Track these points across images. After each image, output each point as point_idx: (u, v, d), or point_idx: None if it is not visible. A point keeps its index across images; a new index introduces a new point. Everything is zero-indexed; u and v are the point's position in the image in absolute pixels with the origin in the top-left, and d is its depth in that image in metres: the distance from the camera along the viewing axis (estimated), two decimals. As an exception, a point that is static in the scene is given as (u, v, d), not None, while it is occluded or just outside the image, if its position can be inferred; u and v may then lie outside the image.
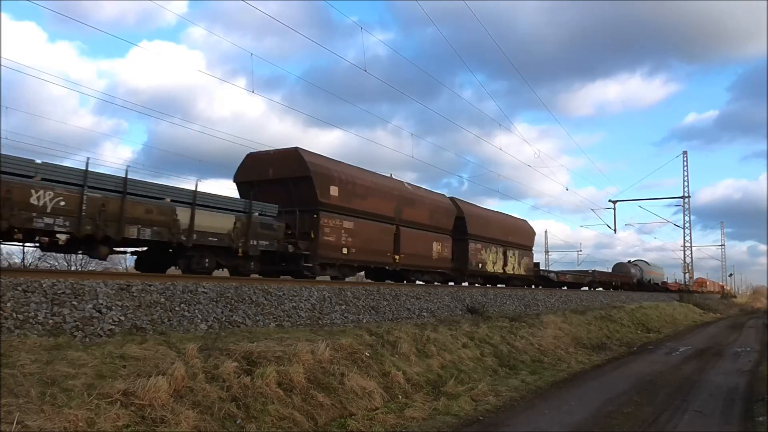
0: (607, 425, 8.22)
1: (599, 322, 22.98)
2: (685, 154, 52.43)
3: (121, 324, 8.17)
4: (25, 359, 5.96)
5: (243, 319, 10.18)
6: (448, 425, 7.91)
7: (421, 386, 9.96)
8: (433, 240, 21.82)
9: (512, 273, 29.02)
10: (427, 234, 21.47)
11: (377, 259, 18.84)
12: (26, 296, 7.56)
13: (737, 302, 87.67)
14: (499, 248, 27.66)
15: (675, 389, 11.31)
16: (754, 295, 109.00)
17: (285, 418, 7.11)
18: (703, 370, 14.32)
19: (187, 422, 6.07)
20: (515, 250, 29.57)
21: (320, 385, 8.16)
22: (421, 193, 22.04)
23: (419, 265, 21.01)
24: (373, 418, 7.86)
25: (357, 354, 9.53)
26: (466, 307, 17.76)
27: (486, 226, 26.47)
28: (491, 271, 26.84)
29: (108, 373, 6.24)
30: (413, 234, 20.49)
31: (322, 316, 11.99)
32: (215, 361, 7.40)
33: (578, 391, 10.82)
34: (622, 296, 37.57)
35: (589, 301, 30.28)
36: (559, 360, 14.85)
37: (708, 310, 48.89)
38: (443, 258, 22.45)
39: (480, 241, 25.66)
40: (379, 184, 19.27)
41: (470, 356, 12.40)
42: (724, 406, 9.86)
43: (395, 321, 13.48)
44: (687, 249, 53.26)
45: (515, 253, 29.54)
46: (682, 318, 36.40)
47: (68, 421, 5.21)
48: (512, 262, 29.11)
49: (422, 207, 21.41)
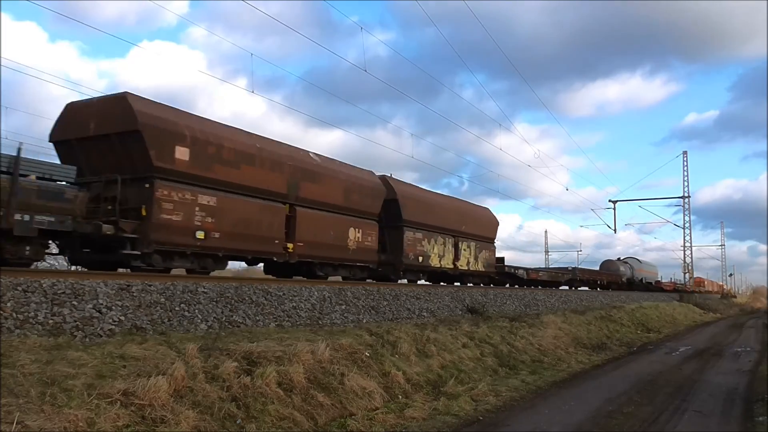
0: (607, 425, 8.23)
1: (599, 322, 22.99)
2: (685, 154, 52.54)
3: (121, 324, 8.17)
4: (25, 359, 5.96)
5: (243, 319, 10.18)
6: (448, 425, 7.91)
7: (421, 386, 9.97)
8: (350, 226, 17.64)
9: (466, 269, 24.67)
10: (339, 218, 17.28)
11: (259, 248, 14.53)
12: (26, 296, 7.56)
13: (737, 302, 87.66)
14: (449, 239, 23.27)
15: (675, 389, 11.31)
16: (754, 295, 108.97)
17: (285, 418, 7.12)
18: (703, 370, 14.33)
19: (187, 422, 6.07)
20: (471, 242, 25.19)
21: (320, 385, 8.16)
22: (333, 167, 17.59)
23: (327, 257, 16.90)
24: (373, 418, 7.86)
25: (357, 354, 9.54)
26: (466, 307, 17.76)
27: (429, 212, 22.16)
28: (437, 266, 22.41)
29: (108, 373, 6.25)
30: (317, 217, 16.35)
31: (322, 316, 11.99)
32: (215, 361, 7.41)
33: (578, 391, 10.83)
34: (621, 296, 37.56)
35: (589, 301, 30.26)
36: (559, 360, 14.85)
37: (708, 310, 48.89)
38: (365, 249, 18.34)
39: (421, 230, 21.31)
40: (262, 149, 14.79)
41: (470, 356, 12.40)
42: (724, 406, 9.86)
43: (395, 321, 13.49)
44: (687, 249, 53.33)
45: (471, 246, 25.18)
46: (682, 318, 36.41)
47: (68, 421, 5.22)
48: (466, 255, 24.76)
49: (332, 184, 17.09)
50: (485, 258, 26.61)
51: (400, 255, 20.17)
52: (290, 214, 15.47)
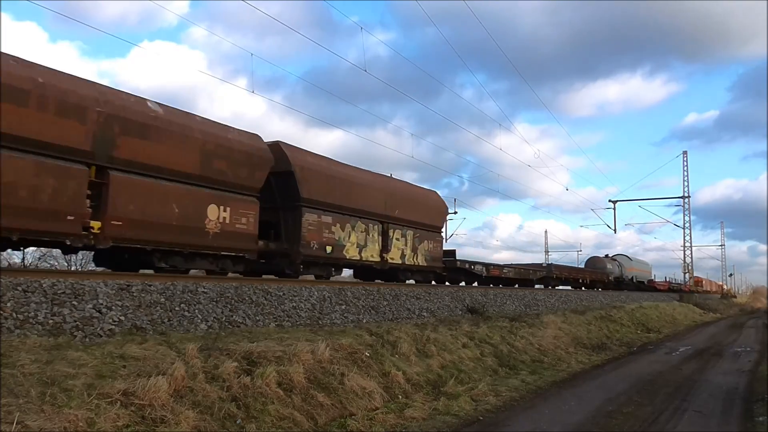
0: (607, 425, 8.23)
1: (599, 322, 23.00)
2: (685, 154, 52.53)
3: (121, 324, 8.17)
4: (25, 359, 5.96)
5: (243, 319, 10.18)
6: (448, 425, 7.91)
7: (421, 386, 9.97)
8: (211, 202, 12.98)
9: (400, 263, 19.91)
10: (192, 191, 12.57)
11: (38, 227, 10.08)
12: (26, 296, 7.56)
13: (737, 302, 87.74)
14: (374, 225, 18.52)
15: (675, 389, 11.32)
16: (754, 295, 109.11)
17: (285, 418, 7.12)
18: (703, 370, 14.33)
19: (187, 422, 6.07)
20: (407, 230, 20.34)
21: (320, 385, 8.16)
22: (183, 121, 12.77)
23: (171, 243, 12.23)
24: (373, 418, 7.86)
25: (357, 354, 9.54)
26: (466, 307, 17.77)
27: (344, 191, 17.37)
28: (355, 258, 17.65)
29: (108, 373, 6.25)
30: (150, 187, 11.75)
31: (322, 316, 12.00)
32: (215, 361, 7.41)
33: (578, 391, 10.83)
34: (621, 296, 37.57)
35: (589, 301, 30.28)
36: (559, 360, 14.86)
37: (708, 310, 48.91)
38: (237, 234, 13.58)
39: (330, 212, 16.61)
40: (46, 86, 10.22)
41: (470, 356, 12.41)
42: (723, 406, 9.86)
43: (395, 321, 13.49)
44: (687, 249, 53.34)
45: (407, 235, 20.34)
46: (682, 318, 36.44)
47: (68, 421, 5.22)
48: (400, 246, 19.95)
49: (180, 144, 12.42)
50: (428, 250, 21.75)
51: (297, 243, 15.38)
52: (99, 181, 11.01)
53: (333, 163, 17.77)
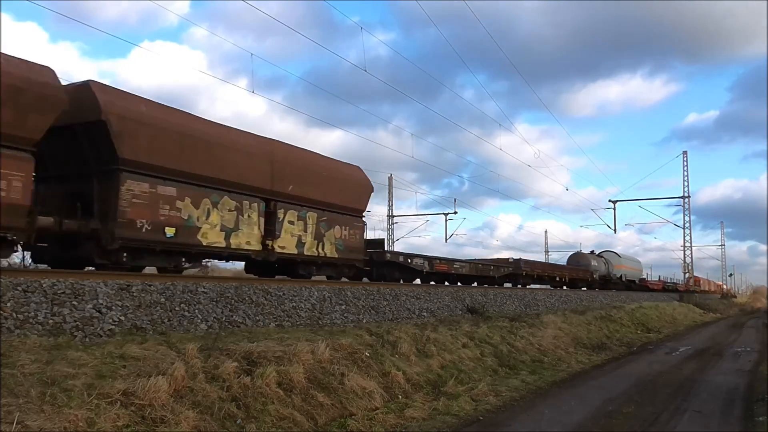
0: (608, 425, 8.23)
1: (599, 322, 23.00)
2: (685, 154, 52.37)
3: (121, 324, 8.17)
4: (25, 359, 5.96)
5: (243, 319, 10.18)
6: (448, 425, 7.91)
7: (421, 386, 9.97)
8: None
9: (294, 253, 15.54)
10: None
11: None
12: (26, 296, 7.56)
13: (737, 302, 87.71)
14: (252, 203, 14.23)
15: (675, 389, 11.32)
16: (754, 295, 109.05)
17: (285, 418, 7.12)
18: (703, 370, 14.33)
19: (187, 422, 6.07)
20: (310, 212, 16.12)
21: (320, 385, 8.17)
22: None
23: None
24: (373, 418, 7.86)
25: (357, 354, 9.54)
26: (466, 307, 17.77)
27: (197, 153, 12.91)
28: (218, 245, 13.35)
29: (108, 373, 6.25)
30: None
31: (322, 316, 12.00)
32: (215, 361, 7.41)
33: (578, 391, 10.83)
34: (621, 296, 37.57)
35: (589, 301, 30.29)
36: (559, 360, 14.86)
37: (708, 310, 48.90)
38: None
39: (172, 181, 12.21)
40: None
41: (470, 356, 12.41)
42: (724, 406, 9.87)
43: (395, 321, 13.49)
44: (687, 249, 53.30)
45: (309, 218, 16.10)
46: (682, 318, 36.43)
47: (68, 421, 5.22)
48: (295, 231, 15.62)
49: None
50: (341, 238, 17.29)
51: (112, 221, 11.11)
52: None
53: (182, 116, 13.18)
